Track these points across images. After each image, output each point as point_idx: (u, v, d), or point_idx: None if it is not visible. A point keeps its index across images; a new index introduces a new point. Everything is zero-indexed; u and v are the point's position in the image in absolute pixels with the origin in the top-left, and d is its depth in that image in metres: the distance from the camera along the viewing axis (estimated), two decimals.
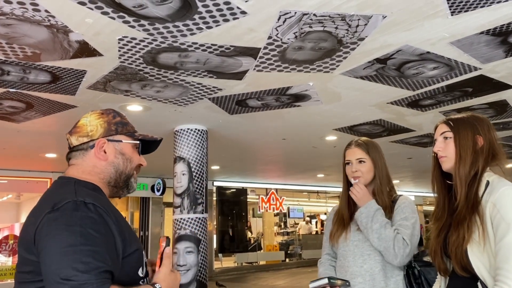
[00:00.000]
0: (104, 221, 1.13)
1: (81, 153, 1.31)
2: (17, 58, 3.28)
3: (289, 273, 11.72)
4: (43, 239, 1.08)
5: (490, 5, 2.70)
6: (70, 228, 1.07)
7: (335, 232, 2.03)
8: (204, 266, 5.21)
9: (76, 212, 1.10)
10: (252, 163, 9.23)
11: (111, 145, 1.32)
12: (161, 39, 3.03)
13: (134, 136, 1.37)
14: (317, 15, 2.77)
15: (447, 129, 1.52)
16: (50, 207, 1.12)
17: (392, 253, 1.83)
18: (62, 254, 1.04)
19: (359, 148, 2.03)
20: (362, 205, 1.93)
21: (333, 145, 6.99)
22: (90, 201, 1.14)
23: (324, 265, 2.11)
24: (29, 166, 8.46)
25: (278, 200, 13.93)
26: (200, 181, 5.33)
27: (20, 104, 4.45)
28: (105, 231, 1.12)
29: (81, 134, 1.32)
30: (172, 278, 1.25)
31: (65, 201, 1.12)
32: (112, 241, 1.13)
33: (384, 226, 1.86)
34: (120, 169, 1.33)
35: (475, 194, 1.40)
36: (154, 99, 4.41)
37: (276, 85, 4.07)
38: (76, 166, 1.31)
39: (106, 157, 1.31)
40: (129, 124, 1.39)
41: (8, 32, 2.86)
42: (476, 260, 1.35)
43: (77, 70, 3.57)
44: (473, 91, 4.38)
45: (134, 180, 1.37)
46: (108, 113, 1.36)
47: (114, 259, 1.11)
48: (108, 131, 1.32)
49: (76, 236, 1.06)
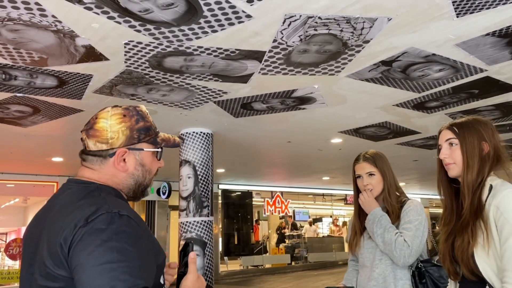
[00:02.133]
0: (138, 234, 1.08)
1: (99, 160, 1.21)
2: (24, 63, 3.31)
3: (295, 277, 11.68)
4: (78, 254, 1.02)
5: (495, 6, 2.69)
6: (106, 244, 1.01)
7: (352, 241, 2.20)
8: (210, 269, 5.20)
9: (112, 225, 1.04)
10: (257, 166, 9.23)
11: (132, 154, 1.22)
12: (166, 43, 3.05)
13: (157, 144, 1.28)
14: (322, 18, 2.78)
15: (452, 136, 1.51)
16: (84, 220, 1.04)
17: (395, 255, 1.94)
18: (99, 271, 0.99)
19: (367, 162, 2.15)
20: (368, 212, 2.07)
21: (339, 147, 6.98)
22: (124, 212, 1.08)
23: (349, 269, 2.30)
24: (36, 170, 8.51)
25: (283, 203, 13.91)
26: (205, 184, 5.33)
27: (27, 109, 4.48)
28: (140, 245, 1.07)
29: (100, 139, 1.20)
30: (199, 285, 1.21)
31: (99, 213, 1.05)
32: (146, 254, 1.08)
33: (387, 230, 1.98)
34: (139, 181, 1.25)
35: (478, 199, 1.41)
36: (160, 103, 4.42)
37: (281, 88, 4.08)
38: (93, 171, 1.22)
39: (126, 168, 1.22)
40: (152, 127, 1.28)
41: (16, 37, 2.89)
42: (483, 264, 1.35)
43: (83, 74, 3.59)
44: (479, 93, 4.36)
45: (150, 188, 1.32)
46: (131, 116, 1.23)
47: (149, 273, 1.08)
48: (130, 139, 1.21)
49: (113, 252, 1.00)
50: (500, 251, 1.32)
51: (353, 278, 2.22)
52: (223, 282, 10.65)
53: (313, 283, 9.94)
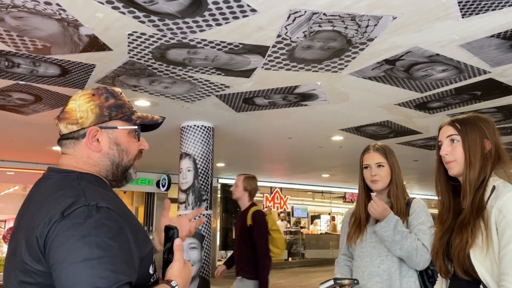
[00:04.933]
0: (119, 227, 1.03)
1: (72, 142, 1.17)
2: (28, 51, 3.31)
3: (292, 273, 11.72)
4: (56, 251, 0.97)
5: (501, 8, 2.68)
6: (85, 239, 0.96)
7: (353, 234, 2.10)
8: (207, 262, 5.22)
9: (90, 219, 0.99)
10: (257, 161, 9.24)
11: (104, 133, 1.17)
12: (170, 35, 3.04)
13: (132, 120, 1.21)
14: (327, 15, 2.77)
15: (454, 132, 1.48)
16: (60, 213, 0.99)
17: (416, 260, 1.89)
18: (78, 269, 0.94)
19: (378, 152, 2.09)
20: (382, 219, 1.95)
21: (339, 145, 6.98)
22: (103, 204, 1.02)
23: (339, 265, 2.19)
24: (36, 158, 8.53)
25: (282, 199, 13.94)
26: (205, 177, 5.34)
27: (29, 97, 4.48)
28: (121, 238, 1.02)
29: (70, 121, 1.16)
30: (186, 272, 1.17)
31: (76, 206, 1.00)
32: (128, 248, 1.03)
33: (406, 237, 1.90)
34: (116, 161, 1.19)
35: (480, 199, 1.38)
36: (162, 95, 4.42)
37: (284, 83, 4.07)
38: (69, 156, 1.18)
39: (100, 148, 1.16)
40: (126, 104, 1.21)
41: (20, 24, 2.89)
42: (478, 265, 1.33)
43: (86, 64, 3.59)
44: (481, 95, 4.35)
45: (133, 170, 1.24)
46: (100, 94, 1.18)
47: (131, 267, 1.02)
48: (101, 117, 1.16)
49: (92, 248, 0.96)
50: (499, 254, 1.30)
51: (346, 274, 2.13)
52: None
53: (309, 279, 9.97)
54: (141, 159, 1.29)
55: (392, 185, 2.06)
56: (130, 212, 1.15)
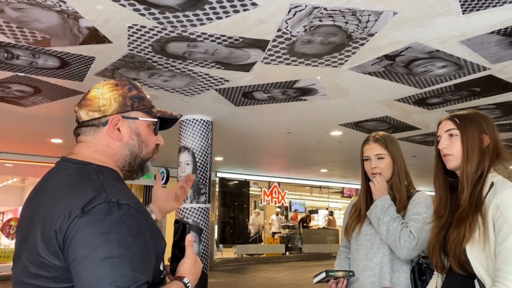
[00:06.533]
0: (138, 225, 1.01)
1: (92, 129, 1.16)
2: (27, 43, 3.30)
3: (289, 267, 11.78)
4: (76, 247, 0.95)
5: (502, 4, 2.68)
6: (105, 237, 0.95)
7: (350, 226, 2.05)
8: (206, 256, 5.25)
9: (110, 216, 0.97)
10: (256, 155, 9.25)
11: (126, 123, 1.16)
12: (170, 28, 3.03)
13: (152, 113, 1.21)
14: (328, 9, 2.76)
15: (452, 126, 1.49)
16: (80, 209, 0.97)
17: (399, 246, 1.82)
18: (98, 267, 0.93)
19: (378, 143, 1.99)
20: (377, 198, 1.92)
21: (338, 140, 6.99)
22: (124, 201, 1.01)
23: (340, 257, 2.14)
24: (34, 150, 8.52)
25: (280, 194, 13.97)
26: (204, 171, 5.35)
27: (28, 89, 4.47)
28: (141, 236, 1.01)
29: (92, 108, 1.16)
30: (197, 268, 1.16)
31: (97, 202, 0.98)
32: (147, 246, 1.02)
33: (394, 219, 1.86)
34: (135, 152, 1.18)
35: (479, 194, 1.39)
36: (161, 88, 4.42)
37: (284, 78, 4.07)
38: (87, 144, 1.16)
39: (121, 137, 1.15)
40: (146, 98, 1.22)
41: (19, 16, 2.87)
42: (474, 259, 1.34)
43: (86, 56, 3.58)
44: (481, 91, 4.36)
45: (150, 162, 1.24)
46: (123, 85, 1.19)
47: (149, 267, 1.02)
48: (123, 106, 1.16)
49: (113, 246, 0.94)
50: (494, 250, 1.31)
51: (344, 266, 2.08)
52: (217, 269, 10.73)
53: (306, 273, 10.02)
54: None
55: (394, 177, 1.96)
56: (146, 209, 1.14)
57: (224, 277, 9.66)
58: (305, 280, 8.97)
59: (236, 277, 9.81)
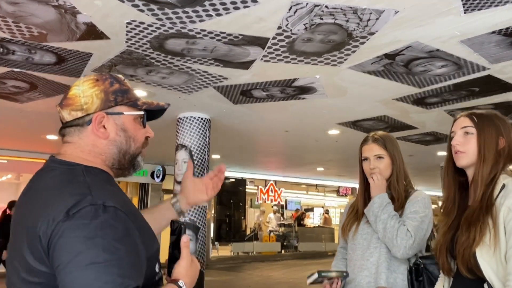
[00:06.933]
0: (126, 228, 0.98)
1: (77, 130, 1.12)
2: (23, 38, 3.25)
3: (285, 265, 11.78)
4: (60, 253, 0.93)
5: (504, 4, 2.66)
6: (90, 242, 0.92)
7: (347, 225, 2.02)
8: (202, 254, 5.22)
9: (96, 220, 0.94)
10: (253, 154, 9.22)
11: (110, 119, 1.12)
12: (169, 25, 3.00)
13: (138, 106, 1.16)
14: (329, 7, 2.74)
15: (469, 124, 1.45)
16: (64, 213, 0.94)
17: (395, 244, 1.79)
18: (83, 273, 0.90)
19: (377, 143, 1.96)
20: (376, 195, 1.90)
21: (335, 139, 6.98)
22: (110, 203, 0.97)
23: (337, 258, 2.11)
24: (29, 147, 8.45)
25: (276, 192, 13.97)
26: (201, 169, 5.32)
27: (24, 84, 4.42)
28: (128, 240, 0.97)
29: (74, 107, 1.11)
30: (193, 270, 1.11)
31: (82, 205, 0.95)
32: (136, 249, 0.98)
33: (392, 217, 1.83)
34: (123, 149, 1.14)
35: (489, 196, 1.36)
36: (159, 85, 4.38)
37: (282, 76, 4.04)
38: (73, 144, 1.12)
39: (107, 134, 1.11)
40: (130, 90, 1.17)
41: (16, 10, 2.83)
42: (484, 263, 1.31)
43: (83, 52, 3.54)
44: (479, 91, 4.35)
45: (141, 158, 1.20)
46: (104, 79, 1.13)
47: (139, 270, 0.98)
48: (106, 102, 1.11)
49: (98, 251, 0.91)
50: (506, 253, 1.28)
51: (341, 267, 2.04)
52: (213, 267, 10.71)
53: (301, 272, 10.02)
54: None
55: (392, 177, 1.94)
56: (136, 209, 1.11)
57: (220, 275, 9.64)
58: (301, 279, 8.97)
59: (232, 275, 9.80)
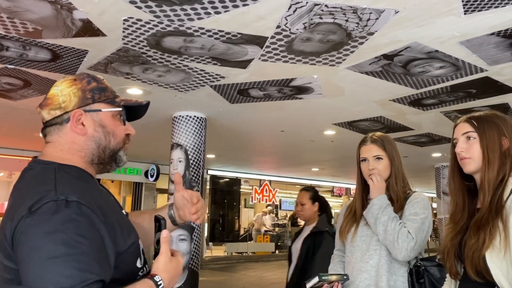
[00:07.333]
0: (90, 222, 0.98)
1: (56, 128, 1.15)
2: (18, 34, 3.19)
3: (278, 265, 11.76)
4: (21, 249, 0.94)
5: (504, 6, 2.65)
6: (50, 236, 0.93)
7: (345, 227, 2.00)
8: (196, 254, 5.18)
9: (57, 214, 0.95)
10: (248, 153, 9.19)
11: (89, 116, 1.15)
12: (167, 22, 2.96)
13: (115, 103, 1.19)
14: (329, 6, 2.72)
15: (470, 129, 1.43)
16: (27, 209, 0.96)
17: (396, 246, 1.77)
18: (43, 268, 0.91)
19: (375, 144, 1.95)
20: (375, 196, 1.88)
21: (331, 139, 6.97)
22: (73, 198, 0.98)
23: (334, 261, 2.09)
24: (22, 145, 8.36)
25: (271, 192, 13.94)
26: (196, 169, 5.28)
27: (18, 81, 4.36)
28: (92, 234, 0.97)
29: (52, 106, 1.15)
30: (173, 266, 1.11)
31: (43, 201, 0.96)
32: (101, 244, 0.99)
33: (392, 219, 1.81)
34: (102, 144, 1.17)
35: (499, 199, 1.34)
36: (155, 84, 4.34)
37: (280, 76, 4.02)
38: (53, 143, 1.16)
39: (85, 131, 1.15)
40: (108, 89, 1.21)
41: (10, 6, 2.78)
42: (494, 267, 1.29)
43: (78, 49, 3.49)
44: (476, 93, 4.36)
45: (123, 153, 1.22)
46: (82, 78, 1.18)
47: (104, 264, 0.98)
48: (84, 100, 1.15)
49: (58, 245, 0.92)
50: None
51: (339, 270, 2.02)
52: (207, 267, 10.67)
53: None
54: (130, 148, 1.27)
55: (391, 178, 1.93)
56: (110, 206, 1.11)
57: (214, 275, 9.60)
58: None
59: (226, 275, 9.76)
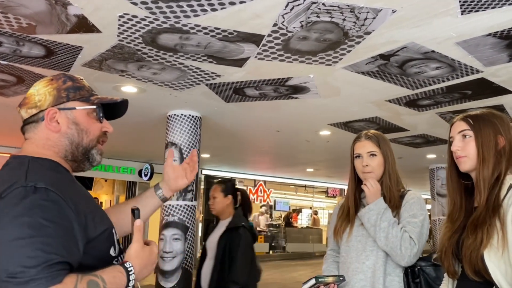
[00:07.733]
0: (58, 207, 1.02)
1: (33, 126, 1.23)
2: (11, 29, 3.15)
3: (273, 266, 11.73)
4: None
5: (501, 6, 2.65)
6: (17, 220, 0.97)
7: (339, 228, 1.97)
8: (190, 254, 5.15)
9: (25, 199, 1.00)
10: (243, 153, 9.17)
11: (63, 114, 1.21)
12: (163, 19, 2.93)
13: (90, 101, 1.24)
14: (326, 5, 2.70)
15: (466, 127, 1.44)
16: None
17: (399, 253, 1.76)
18: (7, 249, 0.95)
19: (370, 141, 1.94)
20: (371, 202, 1.85)
21: (326, 140, 6.96)
22: (42, 185, 1.03)
23: (327, 261, 2.06)
24: (15, 142, 8.27)
25: (265, 192, 13.92)
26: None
27: (11, 78, 4.30)
28: (60, 218, 1.01)
29: (29, 105, 1.24)
30: (146, 254, 1.15)
31: (13, 187, 1.02)
32: (69, 228, 1.03)
33: (392, 225, 1.79)
34: (75, 141, 1.22)
35: (496, 197, 1.34)
36: (150, 81, 4.30)
37: (276, 75, 4.00)
38: (30, 140, 1.22)
39: (59, 128, 1.20)
40: (85, 87, 1.26)
41: (4, 0, 2.74)
42: (492, 266, 1.28)
43: (73, 46, 3.45)
44: (472, 94, 4.37)
45: (96, 151, 1.25)
46: (58, 78, 1.24)
47: (71, 248, 1.02)
48: (58, 98, 1.21)
49: (23, 228, 0.96)
50: None
51: (333, 270, 2.00)
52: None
53: (290, 273, 9.99)
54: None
55: (385, 176, 1.91)
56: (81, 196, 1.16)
57: None
58: (290, 280, 8.94)
59: None
